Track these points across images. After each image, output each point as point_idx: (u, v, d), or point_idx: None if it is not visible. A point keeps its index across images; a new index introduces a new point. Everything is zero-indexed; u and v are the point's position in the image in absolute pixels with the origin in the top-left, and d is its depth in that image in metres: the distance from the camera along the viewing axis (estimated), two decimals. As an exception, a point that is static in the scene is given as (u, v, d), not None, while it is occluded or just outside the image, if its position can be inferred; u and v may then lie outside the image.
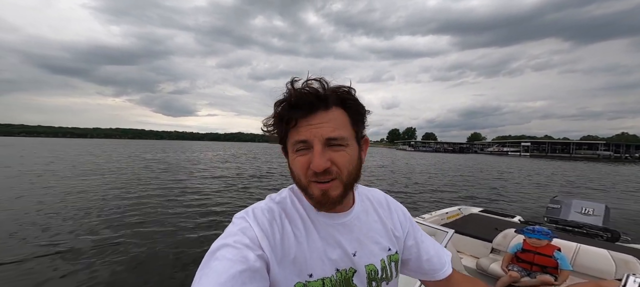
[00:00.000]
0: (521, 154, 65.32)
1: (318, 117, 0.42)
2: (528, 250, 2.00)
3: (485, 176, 14.24)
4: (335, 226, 0.48)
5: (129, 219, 4.86)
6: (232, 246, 0.39)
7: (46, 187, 7.50)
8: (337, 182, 0.43)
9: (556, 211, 3.38)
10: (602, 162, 35.87)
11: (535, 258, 1.97)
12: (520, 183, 12.30)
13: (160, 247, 3.76)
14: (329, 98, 0.43)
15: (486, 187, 10.46)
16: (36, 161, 14.96)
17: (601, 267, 1.88)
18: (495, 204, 7.24)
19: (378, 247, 0.51)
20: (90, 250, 3.54)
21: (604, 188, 11.38)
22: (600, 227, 3.03)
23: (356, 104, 0.45)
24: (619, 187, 11.82)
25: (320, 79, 0.43)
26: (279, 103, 0.44)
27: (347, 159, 0.43)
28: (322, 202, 0.43)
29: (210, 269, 0.36)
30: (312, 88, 0.42)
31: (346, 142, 0.43)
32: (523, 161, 33.91)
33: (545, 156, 58.83)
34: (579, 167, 24.11)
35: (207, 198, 6.85)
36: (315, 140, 0.41)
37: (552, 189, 10.95)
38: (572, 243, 2.08)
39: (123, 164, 15.01)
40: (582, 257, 1.98)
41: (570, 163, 31.26)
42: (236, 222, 0.45)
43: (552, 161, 37.78)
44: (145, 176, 10.22)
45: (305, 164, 0.42)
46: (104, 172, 11.08)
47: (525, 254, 2.01)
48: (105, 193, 6.98)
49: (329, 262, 0.45)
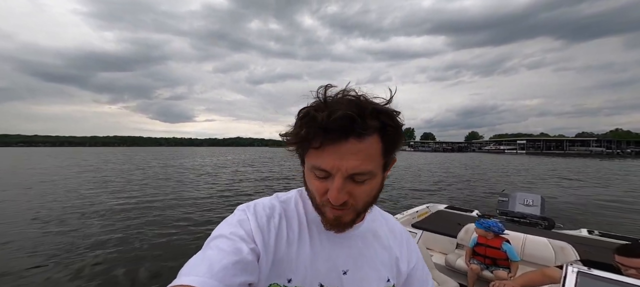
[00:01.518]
0: (517, 152, 67.15)
1: (347, 147, 0.36)
2: (481, 243, 2.07)
3: (479, 173, 15.28)
4: (332, 238, 0.46)
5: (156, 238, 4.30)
6: (227, 237, 0.39)
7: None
8: (351, 210, 0.41)
9: (505, 203, 3.60)
10: (593, 158, 37.54)
11: (487, 251, 2.02)
12: (502, 179, 12.99)
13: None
14: (366, 126, 0.36)
15: (477, 185, 10.91)
16: (58, 172, 14.60)
17: (544, 255, 2.00)
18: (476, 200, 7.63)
19: (376, 275, 0.47)
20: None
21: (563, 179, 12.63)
22: (539, 217, 3.29)
23: (395, 132, 0.39)
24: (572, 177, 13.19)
25: (361, 97, 0.37)
26: (305, 115, 0.37)
27: (367, 192, 0.40)
28: (333, 224, 0.42)
29: (205, 257, 0.36)
30: (348, 109, 0.35)
31: (371, 175, 0.39)
32: (519, 158, 35.32)
33: (540, 153, 60.65)
34: (562, 163, 25.42)
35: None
36: (338, 174, 0.37)
37: (514, 181, 11.93)
38: (520, 234, 2.20)
39: (139, 175, 13.75)
40: (528, 246, 2.10)
41: (562, 159, 32.67)
42: (236, 213, 0.46)
43: (546, 157, 39.39)
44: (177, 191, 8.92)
45: (322, 190, 0.40)
46: (132, 187, 9.44)
47: (479, 247, 2.07)
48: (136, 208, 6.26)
49: (312, 273, 0.43)
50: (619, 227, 4.91)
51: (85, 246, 3.94)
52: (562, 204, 7.10)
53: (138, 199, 7.37)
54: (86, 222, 5.19)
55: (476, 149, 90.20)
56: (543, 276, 1.22)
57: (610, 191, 9.33)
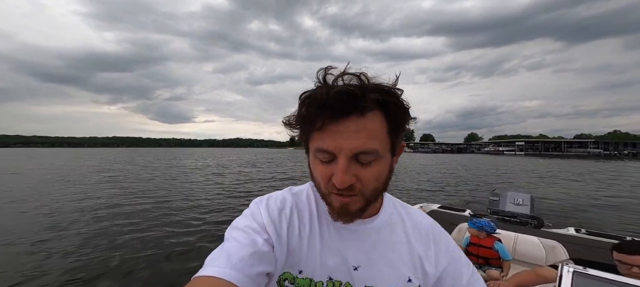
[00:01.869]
0: (516, 153, 67.61)
1: (349, 124, 0.35)
2: (474, 243, 2.06)
3: (475, 174, 15.42)
4: (341, 232, 0.45)
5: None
6: (242, 230, 0.42)
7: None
8: (359, 197, 0.39)
9: (496, 202, 3.58)
10: (590, 160, 37.87)
11: (480, 251, 2.01)
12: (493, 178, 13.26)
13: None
14: (367, 100, 0.35)
15: (472, 184, 10.93)
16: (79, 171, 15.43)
17: (535, 254, 2.01)
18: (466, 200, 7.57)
19: (393, 273, 0.44)
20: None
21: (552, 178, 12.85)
22: (529, 215, 3.30)
23: (399, 109, 0.38)
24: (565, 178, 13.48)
25: (361, 74, 0.36)
26: (306, 98, 0.37)
27: (374, 175, 0.38)
28: (340, 214, 0.40)
29: (223, 250, 0.39)
30: (348, 85, 0.35)
31: (377, 156, 0.37)
32: (516, 160, 35.63)
33: (538, 155, 61.21)
34: (559, 164, 25.76)
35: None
36: (342, 154, 0.36)
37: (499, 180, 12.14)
38: (512, 233, 2.21)
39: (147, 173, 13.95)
40: (520, 245, 2.10)
41: (560, 161, 32.89)
42: (250, 207, 0.48)
43: (544, 159, 39.77)
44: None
45: (327, 175, 0.38)
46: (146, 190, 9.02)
47: (472, 247, 2.06)
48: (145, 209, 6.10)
49: (321, 267, 0.43)
50: (604, 225, 5.10)
51: (117, 245, 3.99)
52: (551, 203, 7.30)
53: (155, 198, 7.43)
54: (114, 222, 5.20)
55: (475, 150, 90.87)
56: (536, 275, 1.25)
57: (600, 191, 9.57)
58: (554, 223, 3.64)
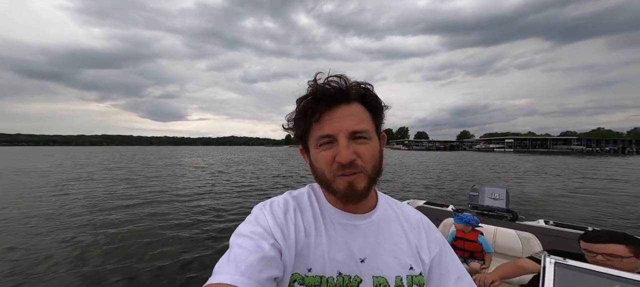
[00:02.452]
0: (505, 150, 70.54)
1: (341, 111, 0.44)
2: (460, 237, 2.12)
3: (464, 170, 15.99)
4: (347, 227, 0.48)
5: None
6: (248, 236, 0.43)
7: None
8: (363, 175, 0.43)
9: (475, 197, 3.70)
10: (573, 156, 40.23)
11: (466, 244, 2.08)
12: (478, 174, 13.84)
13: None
14: (350, 92, 0.44)
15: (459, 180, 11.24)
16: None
17: (513, 246, 2.10)
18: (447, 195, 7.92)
19: (396, 262, 0.48)
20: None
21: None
22: (505, 209, 3.44)
23: (375, 100, 0.47)
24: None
25: (342, 76, 0.45)
26: (302, 98, 0.45)
27: (371, 152, 0.44)
28: (348, 195, 0.44)
29: (230, 257, 0.40)
30: (335, 82, 0.44)
31: (369, 135, 0.45)
32: (505, 156, 37.55)
33: (526, 152, 64.12)
34: (543, 160, 27.25)
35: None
36: (341, 134, 0.42)
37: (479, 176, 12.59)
38: (491, 227, 2.29)
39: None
40: (499, 238, 2.18)
41: (545, 157, 34.82)
42: (254, 212, 0.49)
43: (531, 155, 41.91)
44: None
45: (330, 158, 0.43)
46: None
47: (458, 241, 2.12)
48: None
49: (330, 262, 0.45)
50: (570, 216, 5.55)
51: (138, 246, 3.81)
52: (524, 196, 7.73)
53: (158, 200, 6.81)
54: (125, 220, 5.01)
55: (467, 147, 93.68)
56: (516, 267, 1.34)
57: (571, 185, 10.08)
58: (526, 216, 3.80)
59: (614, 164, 22.07)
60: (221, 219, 5.26)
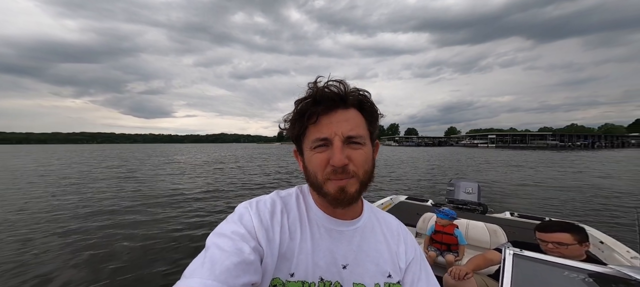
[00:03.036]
0: (488, 146, 75.28)
1: (338, 115, 0.45)
2: (438, 231, 2.20)
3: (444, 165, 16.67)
4: (332, 232, 0.48)
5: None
6: (228, 236, 0.40)
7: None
8: (354, 179, 0.44)
9: (452, 192, 3.81)
10: (548, 150, 43.79)
11: (443, 237, 2.16)
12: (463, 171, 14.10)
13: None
14: (348, 98, 0.45)
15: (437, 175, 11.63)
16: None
17: (482, 238, 2.23)
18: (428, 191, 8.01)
19: (376, 269, 0.48)
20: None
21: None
22: (476, 203, 3.56)
23: (371, 107, 0.48)
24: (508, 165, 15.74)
25: (341, 81, 0.46)
26: (301, 100, 0.46)
27: (364, 157, 0.45)
28: (339, 198, 0.44)
29: (206, 258, 0.37)
30: (334, 87, 0.45)
31: (363, 141, 0.45)
32: (487, 152, 40.41)
33: (507, 147, 68.66)
34: (520, 154, 29.45)
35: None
36: (336, 138, 0.43)
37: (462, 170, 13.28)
38: (464, 220, 2.41)
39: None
40: (471, 231, 2.30)
41: (522, 152, 37.70)
42: (238, 211, 0.46)
43: (511, 150, 45.34)
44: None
45: (324, 161, 0.44)
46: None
47: (437, 234, 2.20)
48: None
49: (313, 267, 0.45)
50: (532, 207, 5.89)
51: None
52: (496, 188, 8.27)
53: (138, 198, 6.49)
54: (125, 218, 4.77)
55: (454, 143, 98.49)
56: (485, 259, 1.45)
57: (537, 176, 10.76)
58: (495, 208, 3.90)
59: (580, 157, 24.06)
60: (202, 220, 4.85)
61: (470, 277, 1.35)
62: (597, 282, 0.77)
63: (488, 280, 1.45)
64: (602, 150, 48.75)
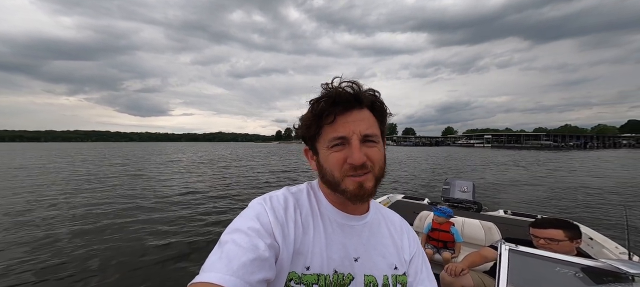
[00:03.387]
0: (484, 146, 76.68)
1: (354, 115, 0.46)
2: (435, 228, 2.25)
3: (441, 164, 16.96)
4: (343, 227, 0.50)
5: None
6: (244, 232, 0.41)
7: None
8: (371, 175, 0.46)
9: (448, 190, 3.88)
10: (541, 150, 44.72)
11: (440, 235, 2.22)
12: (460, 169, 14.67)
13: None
14: (363, 99, 0.47)
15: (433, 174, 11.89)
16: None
17: (477, 236, 2.27)
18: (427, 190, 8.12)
19: (384, 262, 0.51)
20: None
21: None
22: (471, 201, 3.64)
23: (382, 107, 0.50)
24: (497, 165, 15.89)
25: (355, 82, 0.47)
26: (317, 100, 0.47)
27: (379, 155, 0.47)
28: (358, 194, 0.45)
29: (223, 253, 0.38)
30: (349, 88, 0.47)
31: (378, 140, 0.48)
32: (483, 151, 41.17)
33: (502, 146, 70.02)
34: (515, 154, 30.07)
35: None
36: (354, 136, 0.45)
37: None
38: (460, 218, 2.45)
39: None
40: (466, 228, 2.35)
41: (517, 152, 38.42)
42: (253, 206, 0.48)
43: (506, 150, 46.22)
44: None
45: (342, 159, 0.45)
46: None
47: (434, 232, 2.26)
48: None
49: (328, 261, 0.46)
50: (524, 205, 6.04)
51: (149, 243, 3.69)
52: (490, 187, 8.49)
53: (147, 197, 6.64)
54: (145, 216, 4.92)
55: (451, 143, 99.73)
56: (480, 256, 1.48)
57: (530, 175, 11.24)
58: (489, 206, 4.00)
59: (571, 157, 24.82)
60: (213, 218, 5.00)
61: (466, 274, 1.40)
62: (588, 276, 0.81)
63: (484, 276, 1.48)
64: (594, 150, 49.81)
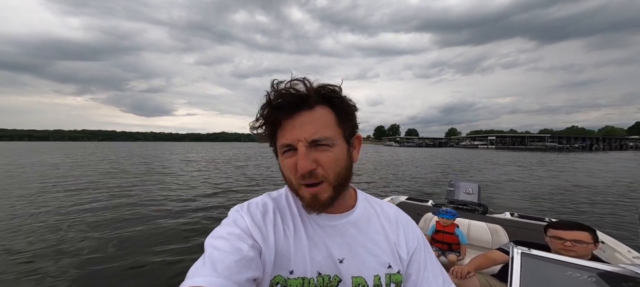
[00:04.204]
0: (488, 147, 76.42)
1: (301, 118, 0.42)
2: (439, 230, 2.21)
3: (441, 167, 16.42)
4: (324, 227, 0.48)
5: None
6: (225, 238, 0.41)
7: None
8: (325, 185, 0.43)
9: (452, 192, 3.82)
10: (546, 152, 44.58)
11: (445, 237, 2.18)
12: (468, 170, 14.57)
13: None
14: (312, 97, 0.42)
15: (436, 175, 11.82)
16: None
17: (484, 238, 2.23)
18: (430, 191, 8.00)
19: (374, 260, 0.47)
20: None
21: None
22: (477, 203, 3.60)
23: (342, 102, 0.45)
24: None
25: (304, 79, 0.43)
26: (263, 105, 0.44)
27: (332, 159, 0.43)
28: (311, 205, 0.44)
29: (206, 259, 0.38)
30: (294, 88, 0.42)
31: (332, 142, 0.43)
32: (487, 153, 41.01)
33: (506, 148, 69.77)
34: (518, 156, 29.85)
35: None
36: (299, 143, 0.41)
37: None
38: (466, 220, 2.41)
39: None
40: (472, 231, 2.30)
41: (521, 153, 38.18)
42: (230, 214, 0.47)
43: (510, 152, 46.10)
44: None
45: (293, 166, 0.43)
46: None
47: (438, 234, 2.22)
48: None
49: (311, 263, 0.45)
50: (529, 209, 5.94)
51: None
52: (496, 189, 8.38)
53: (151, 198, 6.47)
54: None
55: (454, 144, 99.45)
56: (488, 259, 1.46)
57: (535, 177, 11.08)
58: (495, 208, 3.95)
59: (576, 159, 24.48)
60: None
61: (472, 276, 1.37)
62: (605, 281, 0.77)
63: (491, 279, 1.46)
64: (600, 152, 49.43)
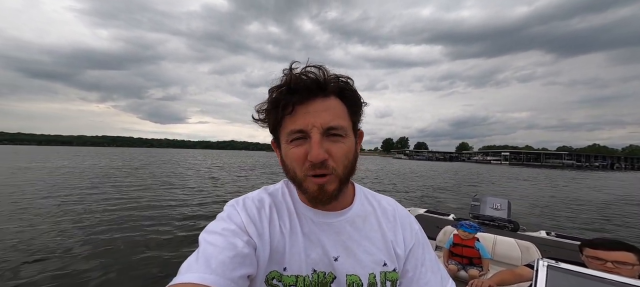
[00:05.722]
0: (501, 163, 74.43)
1: (316, 105, 0.40)
2: (457, 244, 2.16)
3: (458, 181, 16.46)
4: (320, 225, 0.47)
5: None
6: (219, 233, 0.40)
7: None
8: (333, 177, 0.41)
9: (477, 207, 3.77)
10: (563, 170, 43.50)
11: (464, 250, 2.12)
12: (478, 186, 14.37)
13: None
14: (328, 86, 0.41)
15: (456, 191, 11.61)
16: None
17: (512, 255, 2.15)
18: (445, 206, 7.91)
19: (370, 259, 0.46)
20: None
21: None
22: (506, 220, 3.51)
23: (354, 95, 0.44)
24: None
25: (320, 67, 0.42)
26: (276, 86, 0.42)
27: (345, 150, 0.42)
28: (318, 197, 0.42)
29: (200, 255, 0.37)
30: (312, 73, 0.41)
31: (345, 133, 0.42)
32: (500, 168, 40.53)
33: (521, 164, 68.00)
34: (533, 172, 29.74)
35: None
36: (314, 130, 0.39)
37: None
38: (491, 235, 2.34)
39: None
40: (498, 247, 2.22)
41: (536, 170, 37.68)
42: (226, 209, 0.46)
43: (524, 168, 45.24)
44: None
45: (302, 156, 0.40)
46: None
47: (456, 247, 2.16)
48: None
49: (306, 260, 0.44)
50: (568, 228, 5.71)
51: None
52: (526, 208, 7.98)
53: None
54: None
55: (465, 159, 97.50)
56: (514, 275, 1.34)
57: (570, 196, 10.77)
58: (528, 227, 3.78)
59: (596, 178, 24.10)
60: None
61: None
62: None
63: None
64: (621, 171, 47.82)
